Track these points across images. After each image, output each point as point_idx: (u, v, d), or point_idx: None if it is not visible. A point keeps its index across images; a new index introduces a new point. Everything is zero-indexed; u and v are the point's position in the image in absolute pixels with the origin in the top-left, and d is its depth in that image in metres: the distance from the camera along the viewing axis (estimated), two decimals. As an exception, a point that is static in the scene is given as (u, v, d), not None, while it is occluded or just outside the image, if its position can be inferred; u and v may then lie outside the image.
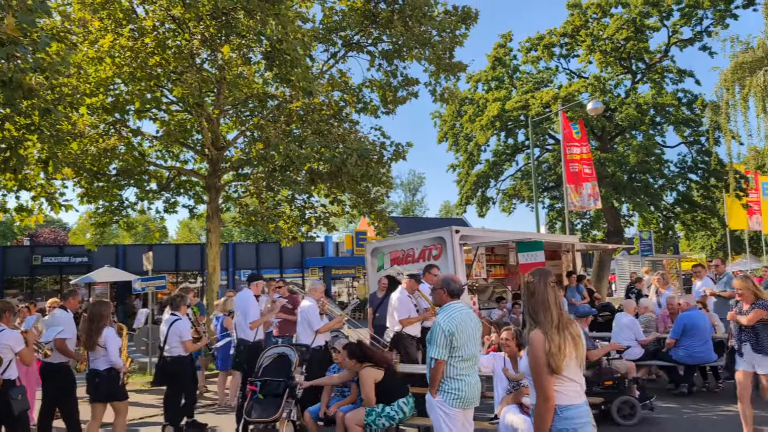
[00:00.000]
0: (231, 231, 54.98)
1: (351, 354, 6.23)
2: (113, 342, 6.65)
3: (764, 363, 6.16)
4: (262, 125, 12.27)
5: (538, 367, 3.16)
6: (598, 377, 7.59)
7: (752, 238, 34.14)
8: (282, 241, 15.14)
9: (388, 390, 6.09)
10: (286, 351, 7.01)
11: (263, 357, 7.00)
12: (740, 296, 6.46)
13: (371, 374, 6.09)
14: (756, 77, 15.94)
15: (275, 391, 6.49)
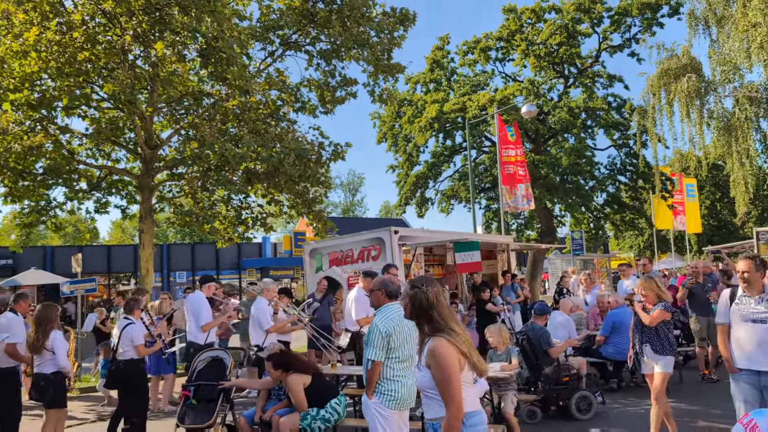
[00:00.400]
0: (166, 232, 53.64)
1: (275, 365, 6.16)
2: (61, 345, 6.53)
3: (662, 362, 6.23)
4: (197, 124, 12.01)
5: (451, 375, 2.99)
6: (557, 374, 7.79)
7: (677, 237, 35.65)
8: (218, 242, 14.86)
9: (319, 393, 6.06)
10: (221, 354, 6.88)
11: (197, 361, 6.84)
12: (644, 297, 6.45)
13: (299, 380, 6.05)
14: (680, 83, 16.67)
15: (209, 396, 6.36)
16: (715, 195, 43.16)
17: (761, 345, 4.94)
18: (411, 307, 3.27)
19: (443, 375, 2.98)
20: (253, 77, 11.91)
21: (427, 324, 3.19)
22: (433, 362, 3.01)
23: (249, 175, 12.00)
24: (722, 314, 5.28)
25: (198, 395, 6.43)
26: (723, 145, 17.20)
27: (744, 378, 5.03)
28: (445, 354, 3.00)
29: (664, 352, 6.23)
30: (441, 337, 3.07)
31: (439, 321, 3.15)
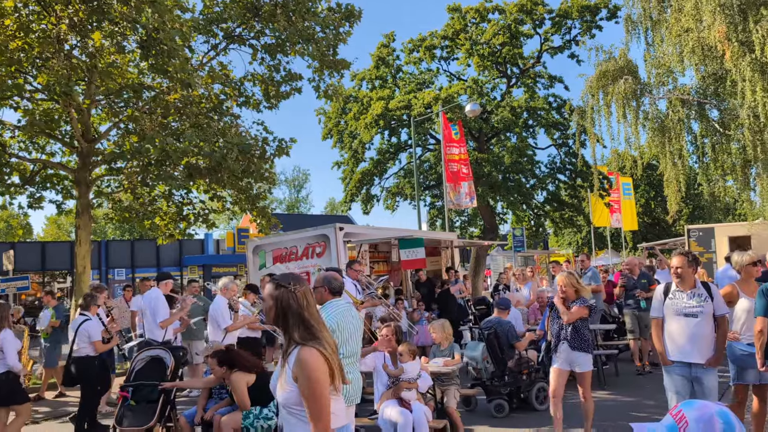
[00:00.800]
0: (104, 228, 52.00)
1: (220, 361, 6.08)
2: (11, 345, 6.48)
3: (581, 360, 6.12)
4: (136, 117, 11.67)
5: (322, 391, 2.65)
6: (518, 367, 7.94)
7: (613, 234, 36.88)
8: (159, 239, 14.51)
9: (263, 392, 6.00)
10: (161, 354, 6.72)
11: (135, 360, 6.66)
12: (563, 293, 6.33)
13: (242, 379, 5.97)
14: (617, 85, 17.18)
15: (149, 397, 6.20)
16: (650, 193, 44.79)
17: (692, 338, 5.16)
18: (276, 309, 2.82)
19: (313, 390, 2.63)
20: (195, 70, 11.65)
21: (296, 330, 2.77)
22: (302, 375, 2.64)
23: (191, 171, 11.75)
24: (656, 309, 5.49)
25: (137, 396, 6.26)
26: (657, 145, 17.82)
27: (676, 370, 5.25)
28: (316, 366, 2.66)
29: (582, 348, 6.14)
30: (312, 347, 2.70)
31: (311, 326, 2.78)
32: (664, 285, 5.51)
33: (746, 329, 5.59)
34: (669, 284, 5.44)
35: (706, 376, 5.12)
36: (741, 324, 5.63)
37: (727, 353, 5.62)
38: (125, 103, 13.09)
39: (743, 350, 5.56)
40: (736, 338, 5.59)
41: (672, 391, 5.27)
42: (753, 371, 5.53)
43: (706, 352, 5.13)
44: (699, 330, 5.14)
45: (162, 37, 9.68)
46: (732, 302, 5.67)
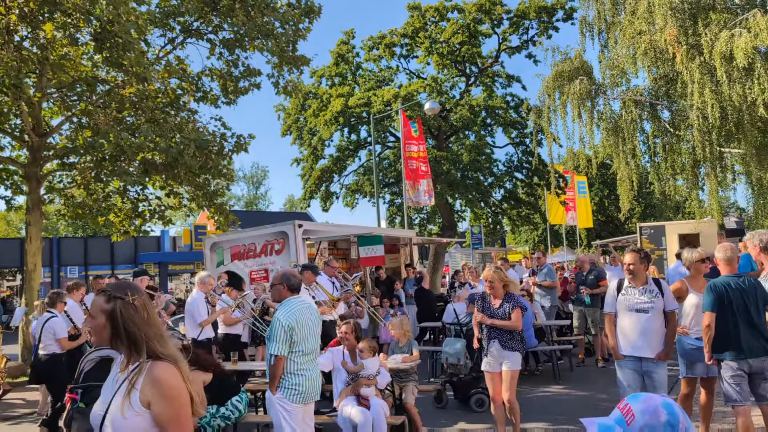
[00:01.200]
0: (56, 224, 50.60)
1: None
2: None
3: (512, 359, 5.96)
4: (90, 111, 11.38)
5: (187, 413, 2.27)
6: None
7: (568, 232, 37.59)
8: (113, 236, 14.21)
9: (220, 391, 5.93)
10: (112, 354, 6.55)
11: (84, 361, 6.45)
12: (490, 289, 6.11)
13: (198, 378, 5.90)
14: (573, 85, 17.50)
15: None
16: (604, 192, 45.76)
17: (643, 333, 5.31)
18: (112, 325, 2.32)
19: (174, 411, 2.21)
20: (151, 64, 11.43)
21: (142, 345, 2.29)
22: (159, 395, 2.20)
23: (146, 166, 11.53)
24: (609, 304, 5.63)
25: (87, 398, 6.09)
26: (611, 145, 18.21)
27: (628, 364, 5.39)
28: (177, 384, 2.27)
29: (513, 348, 5.97)
30: (168, 363, 2.29)
31: (159, 339, 2.33)
32: (617, 281, 5.65)
33: (695, 324, 5.77)
34: (622, 280, 5.58)
35: (656, 369, 5.27)
36: (690, 319, 5.81)
37: (676, 347, 5.80)
38: (78, 97, 12.76)
39: (692, 344, 5.74)
40: (685, 333, 5.77)
41: (623, 385, 5.42)
42: (701, 365, 5.72)
43: (656, 346, 5.28)
44: (650, 325, 5.29)
45: (117, 30, 9.47)
46: (681, 298, 5.86)
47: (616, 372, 5.58)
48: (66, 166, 13.06)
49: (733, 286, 5.08)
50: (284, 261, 10.60)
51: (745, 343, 4.98)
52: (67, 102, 12.37)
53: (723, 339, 5.04)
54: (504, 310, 5.99)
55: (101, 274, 15.28)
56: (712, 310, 5.04)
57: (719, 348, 5.05)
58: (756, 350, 4.99)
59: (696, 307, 5.78)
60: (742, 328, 4.98)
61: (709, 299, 5.08)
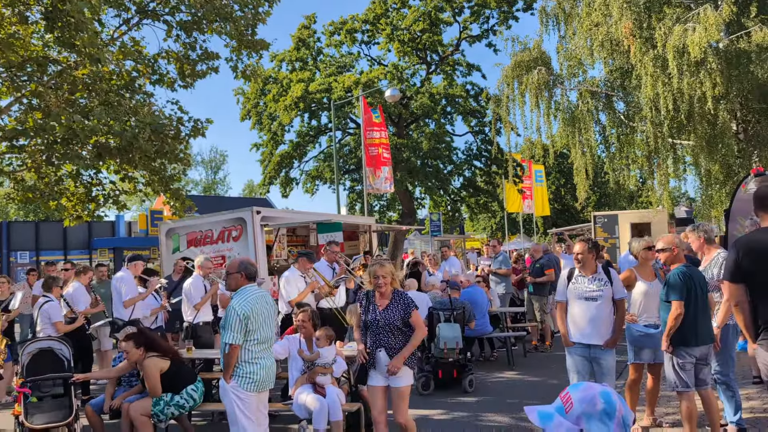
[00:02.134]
0: (6, 208, 49.05)
1: (137, 343, 5.92)
2: None
3: (402, 373, 4.97)
4: (40, 92, 11.01)
5: None
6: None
7: (525, 220, 38.17)
8: (65, 221, 13.85)
9: (176, 379, 5.89)
10: (52, 345, 6.38)
11: (23, 354, 6.28)
12: (379, 287, 5.05)
13: (156, 364, 5.85)
14: (531, 75, 17.71)
15: (54, 391, 5.92)
16: (560, 181, 46.59)
17: (592, 321, 5.46)
18: None
19: None
20: (105, 45, 11.12)
21: None
22: None
23: (100, 150, 11.23)
24: (560, 293, 5.76)
25: (37, 392, 5.95)
26: (567, 135, 18.51)
27: (577, 351, 5.54)
28: None
29: (408, 362, 5.01)
30: None
31: None
32: (568, 270, 5.78)
33: (643, 311, 5.96)
34: (572, 269, 5.72)
35: (604, 356, 5.43)
36: (638, 306, 5.99)
37: (625, 334, 5.98)
38: (29, 78, 12.34)
39: (640, 331, 5.93)
40: (634, 320, 5.95)
41: (573, 371, 5.57)
42: (648, 351, 5.92)
43: (605, 333, 5.44)
44: (599, 313, 5.44)
45: (68, 9, 9.17)
46: (630, 286, 6.03)
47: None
48: (15, 148, 12.64)
49: (691, 275, 5.24)
50: (242, 248, 10.52)
51: (699, 330, 5.16)
52: (16, 82, 11.95)
53: (683, 328, 5.16)
54: (391, 314, 4.98)
55: (53, 261, 14.89)
56: (681, 299, 5.13)
57: (679, 336, 5.19)
58: (705, 337, 5.19)
59: (644, 294, 5.96)
60: (696, 317, 5.16)
61: (677, 289, 5.15)
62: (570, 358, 5.60)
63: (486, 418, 6.85)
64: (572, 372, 5.57)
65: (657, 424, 6.09)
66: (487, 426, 6.56)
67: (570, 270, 5.73)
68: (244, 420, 4.59)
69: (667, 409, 6.53)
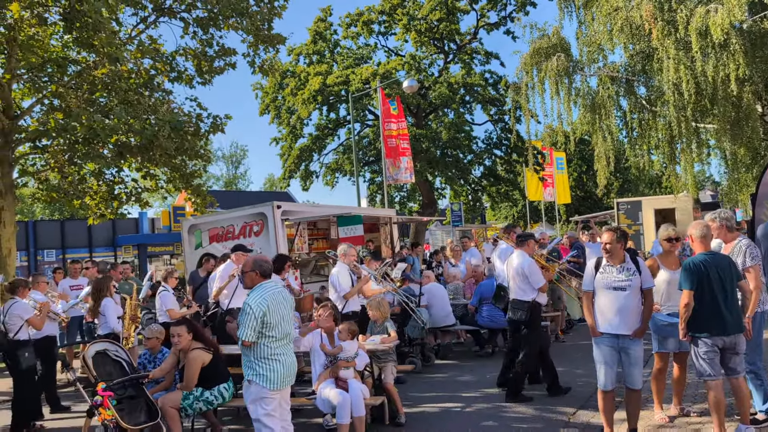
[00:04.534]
0: (32, 208, 49.84)
1: (188, 329, 5.95)
2: (112, 311, 7.92)
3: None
4: (61, 93, 11.14)
5: None
6: None
7: (547, 208, 37.87)
8: (89, 219, 14.03)
9: (211, 374, 5.91)
10: (107, 347, 6.29)
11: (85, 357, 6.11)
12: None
13: (200, 356, 5.87)
14: (550, 62, 17.49)
15: (129, 393, 5.81)
16: (582, 168, 46.04)
17: (620, 311, 5.37)
18: None
19: None
20: (123, 44, 11.21)
21: None
22: None
23: (121, 149, 11.35)
24: (587, 283, 5.68)
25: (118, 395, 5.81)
26: (588, 121, 18.30)
27: (605, 341, 5.46)
28: None
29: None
30: None
31: None
32: (596, 260, 5.68)
33: (666, 300, 5.87)
34: (600, 259, 5.63)
35: (632, 346, 5.36)
36: (661, 295, 5.90)
37: (649, 324, 5.89)
38: (49, 78, 12.50)
39: (664, 320, 5.84)
40: (657, 309, 5.86)
41: (601, 362, 5.50)
42: (673, 340, 5.83)
43: (633, 323, 5.35)
44: (627, 303, 5.35)
45: (86, 9, 9.25)
46: (653, 275, 5.93)
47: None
48: (38, 149, 12.83)
49: (710, 262, 5.14)
50: (263, 243, 10.58)
51: (721, 320, 5.07)
52: (37, 84, 12.10)
53: (700, 316, 5.09)
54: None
55: (77, 258, 15.08)
56: (691, 288, 5.07)
57: (696, 325, 5.11)
58: (730, 327, 5.08)
59: (667, 283, 5.87)
60: (718, 305, 5.06)
61: (687, 277, 5.11)
62: (597, 348, 5.53)
63: (510, 409, 6.82)
64: (600, 363, 5.51)
65: (684, 414, 6.01)
66: (511, 418, 6.53)
67: (597, 260, 5.64)
68: (266, 419, 4.59)
69: (695, 399, 6.44)
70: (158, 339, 6.63)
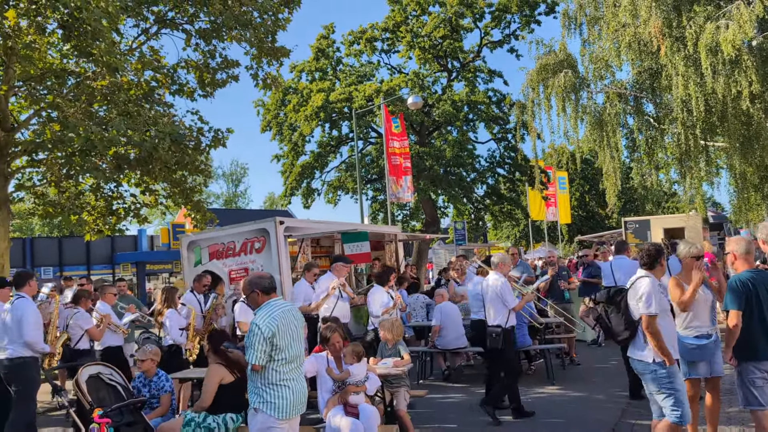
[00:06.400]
0: (31, 225, 49.49)
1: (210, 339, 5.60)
2: (173, 322, 7.83)
3: None
4: (58, 104, 10.81)
5: None
6: None
7: (550, 227, 37.49)
8: (86, 235, 13.66)
9: (227, 398, 5.46)
10: (100, 371, 5.87)
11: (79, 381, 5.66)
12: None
13: (219, 372, 5.47)
14: (557, 78, 17.29)
15: (126, 419, 5.39)
16: (584, 187, 45.86)
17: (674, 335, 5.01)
18: None
19: None
20: (123, 55, 10.92)
21: None
22: None
23: (119, 162, 11.02)
24: (655, 304, 5.12)
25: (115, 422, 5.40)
26: (595, 139, 18.08)
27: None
28: None
29: None
30: None
31: None
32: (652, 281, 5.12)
33: (692, 319, 5.44)
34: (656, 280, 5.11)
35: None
36: (686, 315, 5.48)
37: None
38: (48, 90, 12.20)
39: (692, 344, 5.41)
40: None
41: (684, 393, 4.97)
42: (703, 364, 5.42)
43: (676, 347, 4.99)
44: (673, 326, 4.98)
45: (85, 17, 8.95)
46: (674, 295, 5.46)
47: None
48: (35, 162, 12.49)
49: (758, 280, 4.75)
50: (265, 260, 10.19)
51: None
52: (35, 95, 11.79)
53: (747, 339, 4.69)
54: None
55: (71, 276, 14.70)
56: (739, 308, 4.64)
57: (742, 348, 4.71)
58: None
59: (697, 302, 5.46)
60: (767, 327, 4.66)
61: (736, 296, 4.68)
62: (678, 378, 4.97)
63: (529, 437, 6.40)
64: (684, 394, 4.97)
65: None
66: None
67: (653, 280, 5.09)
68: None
69: (731, 428, 6.02)
70: (153, 360, 6.20)
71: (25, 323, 6.23)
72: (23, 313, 6.28)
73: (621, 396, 7.47)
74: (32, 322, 6.32)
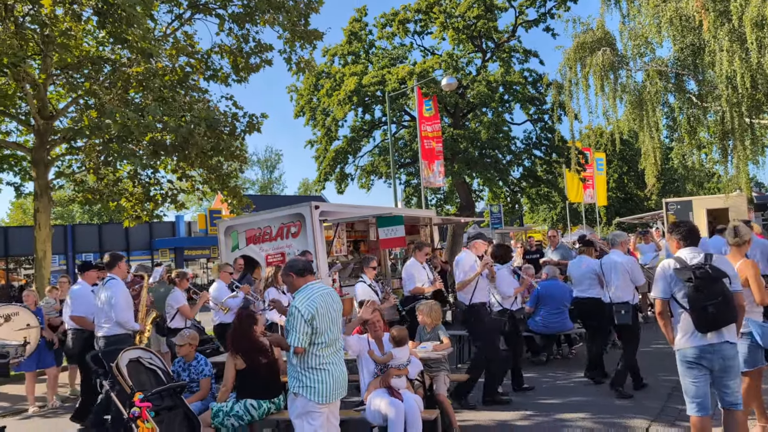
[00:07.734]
0: (71, 212, 50.59)
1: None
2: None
3: None
4: (95, 91, 10.92)
5: None
6: None
7: (587, 210, 36.85)
8: (125, 221, 13.87)
9: (247, 383, 5.50)
10: (141, 355, 5.86)
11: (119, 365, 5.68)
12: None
13: (230, 360, 5.53)
14: (595, 56, 16.83)
15: (165, 404, 5.40)
16: (623, 168, 44.90)
17: None
18: None
19: None
20: (158, 41, 10.96)
21: None
22: None
23: (155, 147, 11.11)
24: None
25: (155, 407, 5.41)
26: (635, 118, 17.60)
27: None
28: None
29: None
30: None
31: None
32: None
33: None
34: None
35: None
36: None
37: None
38: (85, 78, 12.34)
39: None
40: None
41: None
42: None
43: None
44: None
45: (119, 3, 8.99)
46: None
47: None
48: (74, 149, 12.69)
49: None
50: (301, 244, 10.19)
51: None
52: (72, 83, 11.94)
53: None
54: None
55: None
56: None
57: None
58: None
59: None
60: None
61: None
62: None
63: (571, 423, 6.25)
64: None
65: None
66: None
67: None
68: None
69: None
70: (191, 345, 6.20)
71: (116, 304, 6.62)
72: (114, 293, 6.68)
73: (666, 380, 7.28)
74: (122, 303, 6.69)
